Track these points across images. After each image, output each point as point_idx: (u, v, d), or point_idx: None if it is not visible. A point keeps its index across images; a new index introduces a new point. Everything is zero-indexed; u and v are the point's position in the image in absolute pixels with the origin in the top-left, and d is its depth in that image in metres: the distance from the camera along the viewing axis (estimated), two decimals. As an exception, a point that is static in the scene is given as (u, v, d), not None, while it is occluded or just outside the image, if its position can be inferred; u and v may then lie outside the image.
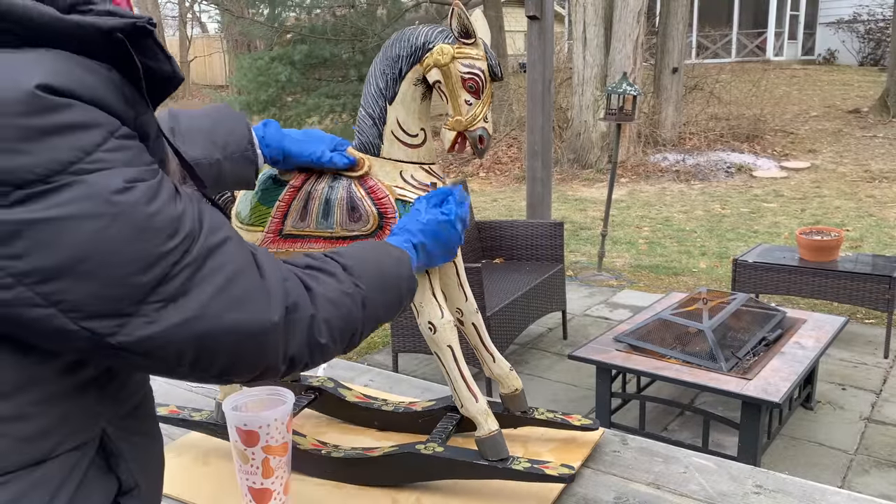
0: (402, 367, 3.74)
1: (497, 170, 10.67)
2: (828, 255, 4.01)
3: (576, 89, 9.98)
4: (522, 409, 1.38)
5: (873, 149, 10.14)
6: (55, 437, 0.61)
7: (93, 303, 0.55)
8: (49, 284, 0.53)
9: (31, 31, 0.52)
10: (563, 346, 4.06)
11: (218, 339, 0.61)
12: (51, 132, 0.51)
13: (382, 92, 1.17)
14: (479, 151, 1.17)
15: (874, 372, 3.62)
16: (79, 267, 0.53)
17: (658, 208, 7.98)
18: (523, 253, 4.28)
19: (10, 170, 0.50)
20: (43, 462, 0.60)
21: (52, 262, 0.52)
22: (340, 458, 1.33)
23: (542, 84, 4.73)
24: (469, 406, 1.23)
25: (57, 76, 0.52)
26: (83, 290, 0.54)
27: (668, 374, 2.73)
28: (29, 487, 0.59)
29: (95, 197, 0.53)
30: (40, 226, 0.51)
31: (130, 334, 0.57)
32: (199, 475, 1.41)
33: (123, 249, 0.55)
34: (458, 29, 1.11)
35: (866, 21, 18.04)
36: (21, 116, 0.50)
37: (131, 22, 0.57)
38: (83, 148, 0.53)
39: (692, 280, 5.35)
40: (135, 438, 0.71)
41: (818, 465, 2.80)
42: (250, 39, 15.75)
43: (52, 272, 0.53)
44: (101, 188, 0.53)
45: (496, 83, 1.20)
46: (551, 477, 1.19)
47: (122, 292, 0.56)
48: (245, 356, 0.65)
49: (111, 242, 0.54)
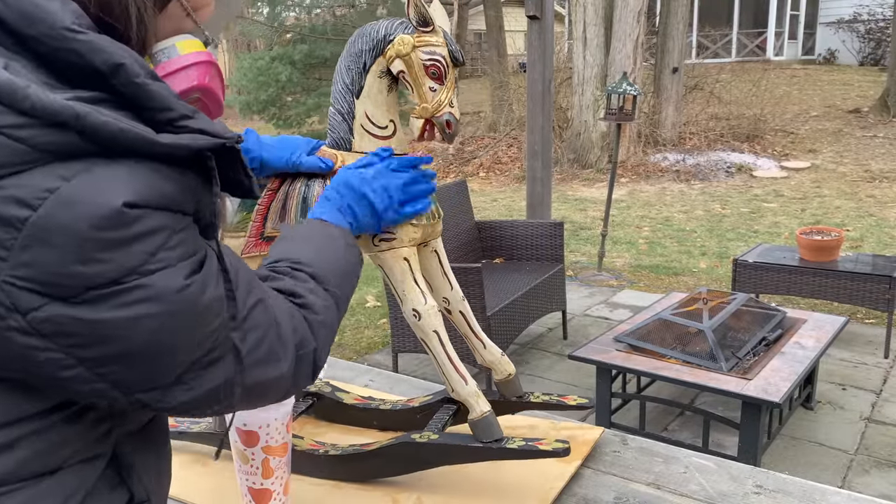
0: (402, 367, 3.74)
1: (497, 170, 10.67)
2: (828, 255, 4.01)
3: (576, 89, 9.99)
4: (517, 394, 1.38)
5: (873, 149, 10.14)
6: (67, 450, 0.63)
7: (144, 382, 0.60)
8: (108, 367, 0.58)
9: (127, 149, 0.56)
10: (563, 346, 4.06)
11: (242, 394, 0.68)
12: (127, 242, 0.55)
13: (349, 87, 1.19)
14: (448, 136, 1.18)
15: (874, 372, 3.62)
16: (137, 356, 0.58)
17: (658, 208, 7.98)
18: (523, 253, 4.28)
19: (87, 276, 0.54)
20: (53, 472, 0.62)
21: (113, 352, 0.57)
22: (337, 456, 1.33)
23: (542, 84, 4.73)
24: (459, 389, 1.24)
25: (142, 193, 0.56)
26: (138, 373, 0.59)
27: (668, 374, 2.73)
28: (38, 496, 0.61)
29: (157, 298, 0.57)
30: (106, 324, 0.56)
31: (173, 399, 0.62)
32: (198, 475, 1.41)
33: (178, 340, 0.60)
34: (416, 18, 1.14)
35: (866, 21, 18.04)
36: (105, 231, 0.54)
37: (220, 143, 0.61)
38: (150, 251, 0.57)
39: (692, 280, 5.35)
40: (148, 452, 0.73)
41: (818, 465, 2.80)
42: (250, 39, 15.75)
43: (112, 359, 0.57)
44: (163, 289, 0.57)
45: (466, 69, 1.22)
46: (546, 452, 1.19)
47: (172, 372, 0.61)
48: (259, 402, 0.73)
49: (168, 335, 0.59)
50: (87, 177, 0.54)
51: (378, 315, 4.76)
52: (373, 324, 4.62)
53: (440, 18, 1.18)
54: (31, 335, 0.55)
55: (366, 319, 4.71)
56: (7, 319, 0.54)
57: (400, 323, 3.45)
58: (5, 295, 0.53)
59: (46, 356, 0.56)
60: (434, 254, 1.29)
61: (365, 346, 4.26)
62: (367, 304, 4.96)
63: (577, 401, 1.39)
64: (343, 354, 4.11)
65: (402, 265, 1.19)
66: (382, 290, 4.84)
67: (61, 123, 0.53)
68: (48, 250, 0.53)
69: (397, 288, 1.20)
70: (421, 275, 1.22)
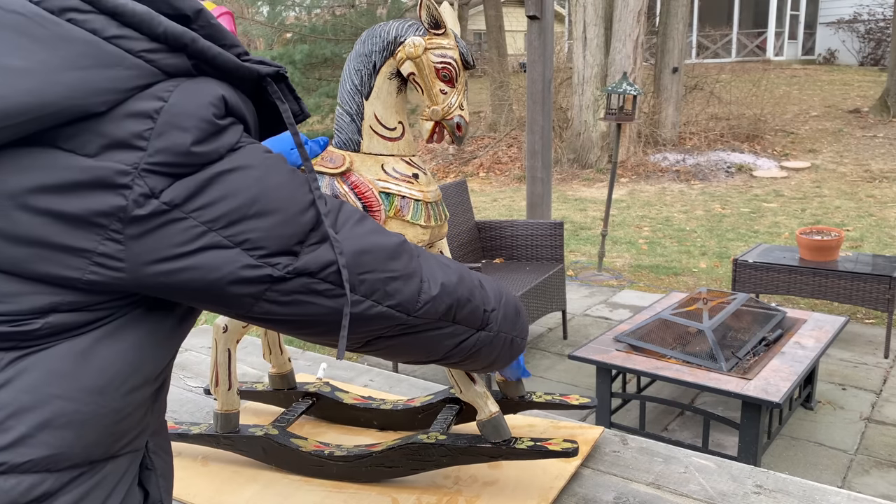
0: (402, 367, 3.74)
1: (497, 170, 10.66)
2: (828, 255, 4.01)
3: (576, 89, 9.98)
4: (520, 394, 1.39)
5: (873, 149, 10.14)
6: (126, 438, 0.68)
7: (270, 240, 0.68)
8: (233, 227, 0.66)
9: (218, 70, 0.70)
10: (563, 346, 4.06)
11: (369, 254, 0.75)
12: (226, 128, 0.68)
13: (358, 88, 1.19)
14: (458, 139, 1.19)
15: (874, 372, 3.62)
16: (254, 207, 0.67)
17: (658, 208, 7.98)
18: (523, 253, 4.28)
19: (205, 154, 0.65)
20: (109, 459, 0.67)
21: (233, 206, 0.66)
22: (343, 457, 1.33)
23: (542, 84, 4.73)
24: (467, 390, 1.24)
25: (230, 96, 0.70)
26: (261, 229, 0.67)
27: (668, 374, 2.73)
28: (94, 486, 0.65)
29: (254, 154, 0.69)
30: (220, 182, 0.66)
31: (302, 263, 0.70)
32: (198, 475, 1.41)
33: (283, 192, 0.70)
34: (428, 20, 1.14)
35: (866, 21, 18.03)
36: (215, 117, 0.67)
37: (276, 69, 0.76)
38: (239, 137, 0.70)
39: (692, 280, 5.35)
40: (163, 454, 0.77)
41: (818, 465, 2.80)
42: (250, 39, 15.74)
43: (235, 215, 0.66)
44: (257, 150, 0.70)
45: (470, 72, 1.22)
46: (555, 452, 1.19)
47: (291, 231, 0.69)
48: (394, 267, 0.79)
49: (273, 185, 0.69)
50: (193, 81, 0.67)
51: (378, 315, 4.76)
52: (373, 324, 4.63)
53: (451, 21, 1.18)
54: (164, 214, 0.63)
55: (366, 319, 4.71)
56: (145, 206, 0.62)
57: (400, 323, 3.45)
58: (144, 182, 0.62)
59: (178, 227, 0.64)
60: (439, 255, 1.29)
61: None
62: (367, 304, 4.96)
63: (580, 400, 1.39)
64: (343, 354, 4.11)
65: None
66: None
67: (181, 47, 0.66)
68: (179, 133, 0.64)
69: None
70: None
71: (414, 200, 1.21)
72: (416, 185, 1.22)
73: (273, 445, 1.40)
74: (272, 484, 1.37)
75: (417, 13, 1.14)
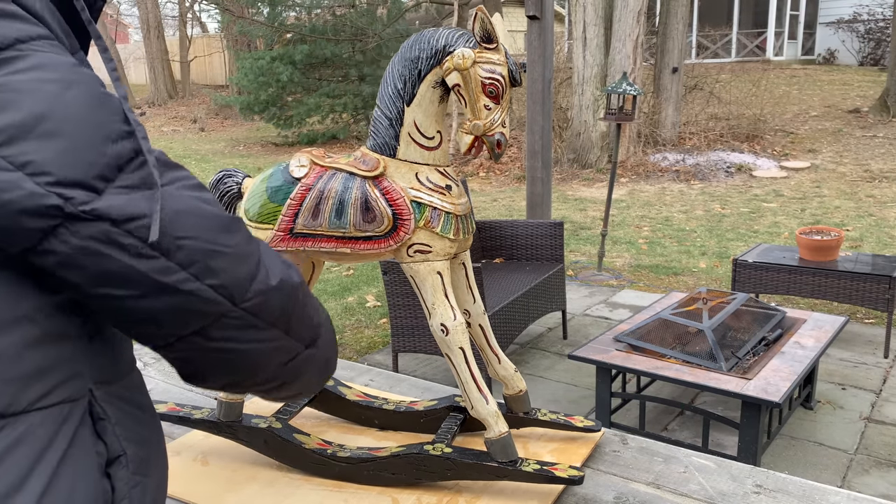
0: (402, 367, 3.74)
1: (497, 170, 10.66)
2: (828, 254, 4.01)
3: (576, 89, 9.98)
4: (525, 410, 1.39)
5: (873, 149, 10.14)
6: (39, 386, 0.60)
7: (58, 167, 0.57)
8: (14, 146, 0.56)
9: None
10: (563, 346, 4.06)
11: (195, 216, 0.63)
12: (20, 17, 0.59)
13: (400, 93, 1.17)
14: (496, 155, 1.18)
15: (874, 372, 3.62)
16: (41, 125, 0.56)
17: (658, 208, 7.98)
18: (523, 253, 4.28)
19: None
20: (27, 412, 0.59)
21: (15, 120, 0.56)
22: (346, 458, 1.33)
23: (542, 84, 4.73)
24: (479, 408, 1.23)
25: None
26: (48, 151, 0.56)
27: (668, 373, 2.73)
28: (13, 443, 0.58)
29: (53, 65, 0.59)
30: (7, 87, 0.56)
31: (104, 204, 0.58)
32: (198, 475, 1.41)
33: (83, 113, 0.59)
34: (481, 33, 1.12)
35: (866, 21, 18.02)
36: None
37: None
38: (28, 33, 0.59)
39: (692, 280, 5.35)
40: (122, 404, 0.70)
41: (818, 465, 2.80)
42: (250, 39, 15.74)
43: (17, 131, 0.56)
44: (58, 60, 0.59)
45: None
46: (560, 479, 1.19)
47: (90, 159, 0.58)
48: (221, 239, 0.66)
49: (71, 104, 0.58)
50: None
51: (378, 315, 4.76)
52: (373, 323, 4.62)
53: (503, 34, 1.16)
54: None
55: (366, 319, 4.71)
56: None
57: (400, 323, 3.45)
58: None
59: None
60: (462, 266, 1.29)
61: (365, 345, 4.25)
62: (367, 304, 4.96)
63: (585, 423, 1.40)
64: (343, 354, 4.11)
65: (434, 279, 1.18)
66: (382, 290, 4.84)
67: None
68: None
69: (427, 300, 1.19)
70: (451, 290, 1.22)
71: (445, 213, 1.19)
72: (447, 197, 1.21)
73: (276, 439, 1.39)
74: (272, 483, 1.37)
75: (470, 24, 1.12)
